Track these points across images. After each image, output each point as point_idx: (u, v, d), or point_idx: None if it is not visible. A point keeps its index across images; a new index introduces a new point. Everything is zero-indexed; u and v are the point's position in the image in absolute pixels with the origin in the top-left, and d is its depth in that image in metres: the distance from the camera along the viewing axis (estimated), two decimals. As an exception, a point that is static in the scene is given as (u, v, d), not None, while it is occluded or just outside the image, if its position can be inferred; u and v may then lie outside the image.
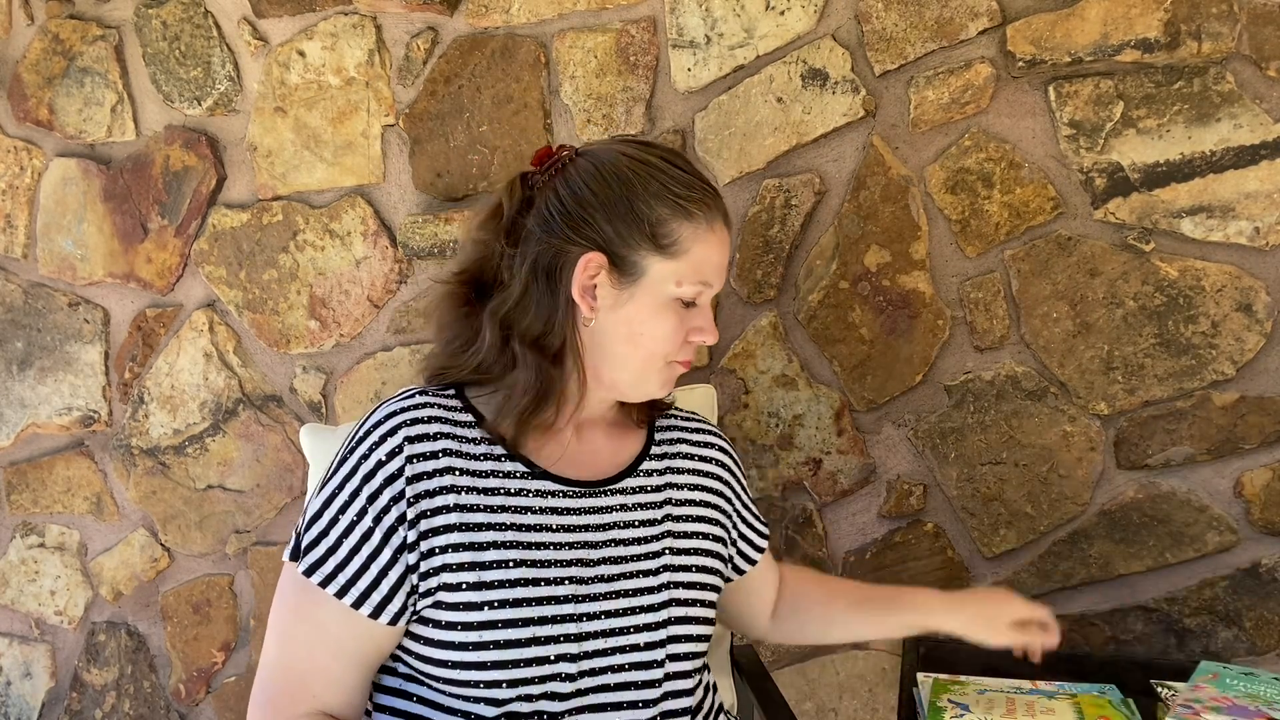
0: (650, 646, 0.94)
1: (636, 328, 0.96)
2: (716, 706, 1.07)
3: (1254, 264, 1.44)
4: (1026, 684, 1.23)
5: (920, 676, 1.25)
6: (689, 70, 1.55)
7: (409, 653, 0.91)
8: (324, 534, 0.90)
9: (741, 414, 1.61)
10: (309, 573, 0.89)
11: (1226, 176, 1.43)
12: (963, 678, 1.22)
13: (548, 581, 0.91)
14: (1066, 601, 1.57)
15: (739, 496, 1.14)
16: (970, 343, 1.54)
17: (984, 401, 1.54)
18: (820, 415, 1.59)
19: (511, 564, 0.90)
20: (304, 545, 0.90)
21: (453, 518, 0.90)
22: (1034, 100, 1.47)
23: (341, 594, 0.88)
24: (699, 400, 1.32)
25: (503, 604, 0.88)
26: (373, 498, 0.89)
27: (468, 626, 0.88)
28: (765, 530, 1.19)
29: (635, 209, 0.94)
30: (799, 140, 1.53)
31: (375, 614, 0.88)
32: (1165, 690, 1.20)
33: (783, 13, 1.51)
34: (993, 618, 1.10)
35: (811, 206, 1.55)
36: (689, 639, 0.97)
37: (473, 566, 0.89)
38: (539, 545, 0.92)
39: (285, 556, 0.92)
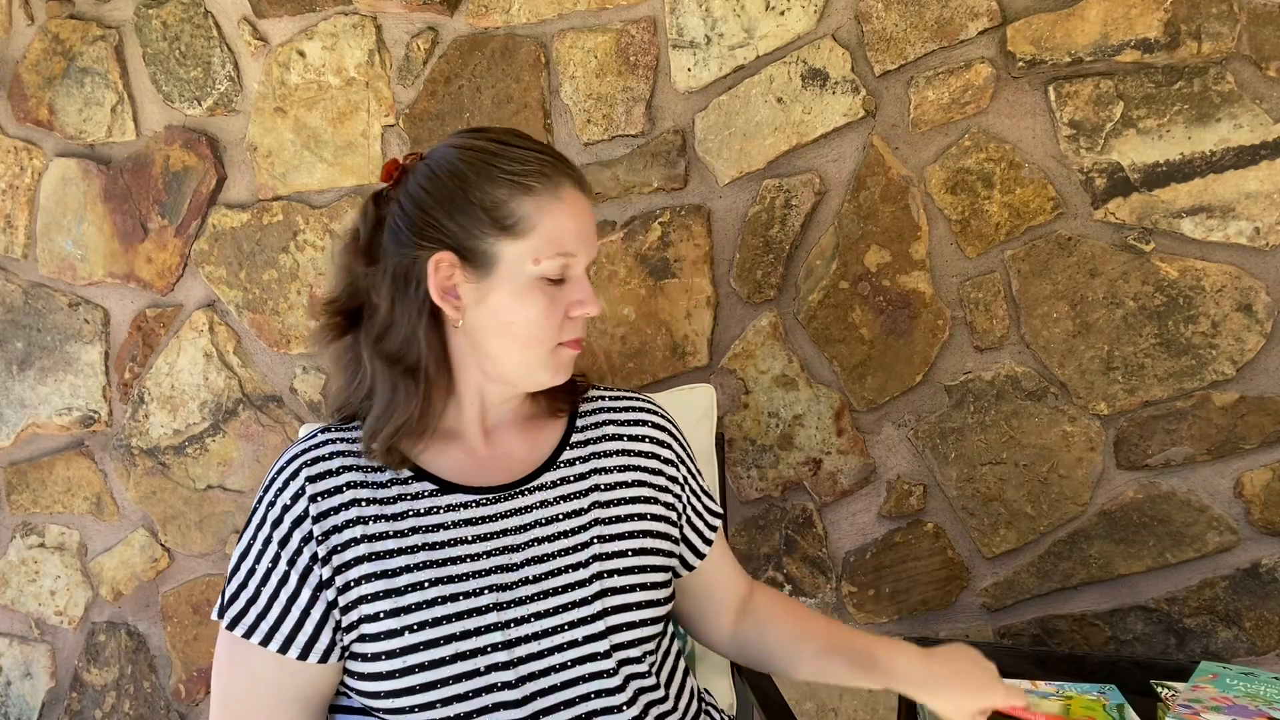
0: (591, 639, 0.93)
1: (505, 317, 0.93)
2: (691, 689, 1.06)
3: (1254, 264, 1.44)
4: (1026, 683, 1.23)
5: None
6: (689, 70, 1.55)
7: (351, 688, 0.92)
8: (243, 586, 0.91)
9: (741, 414, 1.61)
10: (232, 626, 0.89)
11: (1226, 177, 1.43)
12: None
13: (467, 594, 0.90)
14: (1066, 601, 1.57)
15: (685, 472, 1.09)
16: (970, 343, 1.54)
17: (984, 401, 1.54)
18: (820, 415, 1.59)
19: (427, 584, 0.90)
20: (226, 600, 0.91)
21: (362, 549, 0.90)
22: (1034, 100, 1.47)
23: (266, 641, 0.89)
24: (699, 400, 1.32)
25: (422, 625, 0.88)
26: (283, 543, 0.90)
27: (391, 655, 0.88)
28: (718, 509, 1.14)
29: (471, 198, 0.92)
30: (799, 140, 1.53)
31: (304, 655, 0.89)
32: (1165, 690, 1.20)
33: (783, 13, 1.51)
34: (965, 708, 1.02)
35: (811, 206, 1.55)
36: (633, 625, 0.96)
37: (388, 594, 0.89)
38: (454, 560, 0.91)
39: (214, 615, 0.93)
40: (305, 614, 0.89)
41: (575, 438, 1.04)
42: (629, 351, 1.61)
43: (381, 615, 0.89)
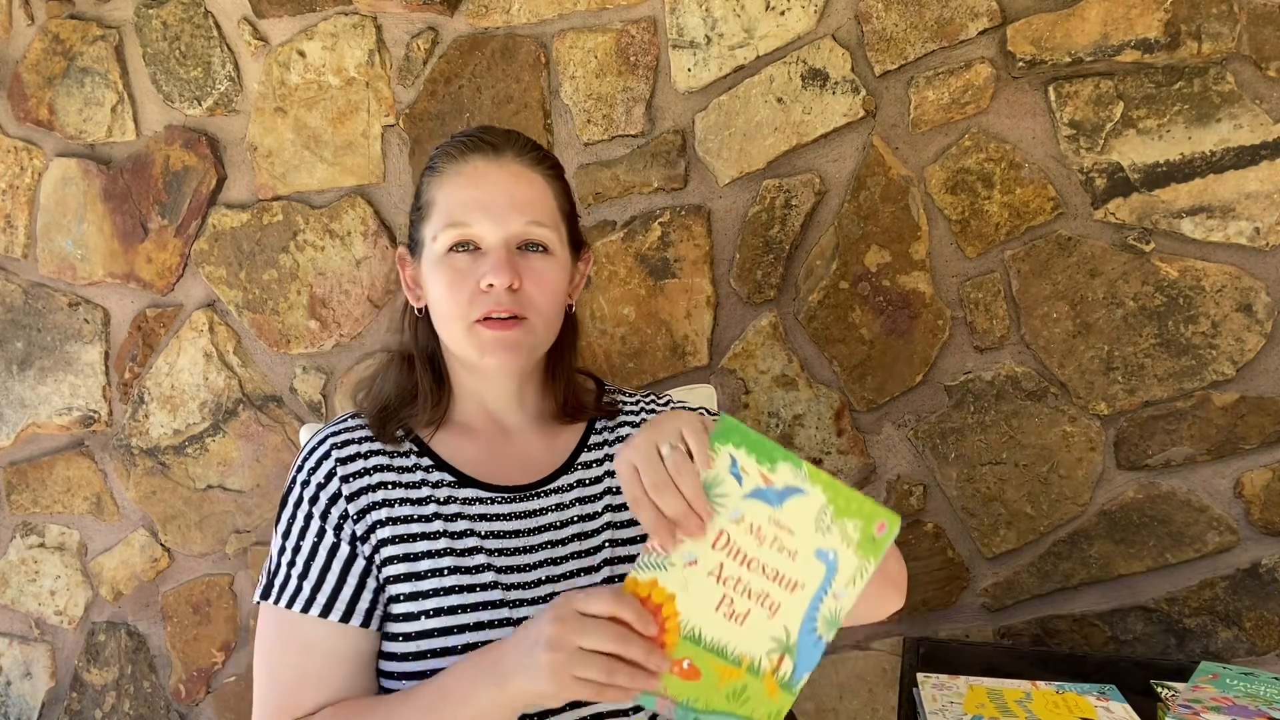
0: None
1: (430, 296, 0.97)
2: None
3: (1254, 264, 1.44)
4: (1027, 684, 1.23)
5: (921, 676, 1.25)
6: (689, 70, 1.55)
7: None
8: (291, 564, 0.92)
9: (741, 414, 1.61)
10: (290, 603, 0.90)
11: (1226, 177, 1.43)
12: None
13: (482, 587, 0.91)
14: (1066, 601, 1.57)
15: None
16: (970, 343, 1.54)
17: (984, 401, 1.54)
18: (820, 415, 1.59)
19: (445, 572, 0.91)
20: (277, 582, 0.92)
21: (388, 531, 0.92)
22: (1034, 100, 1.47)
23: (326, 612, 0.89)
24: (698, 400, 1.32)
25: (438, 612, 0.89)
26: (324, 515, 0.92)
27: (408, 637, 0.89)
28: None
29: (414, 194, 1.02)
30: (799, 140, 1.53)
31: (365, 623, 0.90)
32: (1165, 690, 1.20)
33: (783, 13, 1.51)
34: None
35: (811, 206, 1.55)
36: None
37: (408, 577, 0.91)
38: (470, 551, 0.92)
39: (256, 598, 0.93)
40: (362, 582, 0.90)
41: (593, 439, 1.04)
42: (629, 351, 1.61)
43: (402, 598, 0.90)
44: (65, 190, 1.76)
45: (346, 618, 0.89)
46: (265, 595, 0.92)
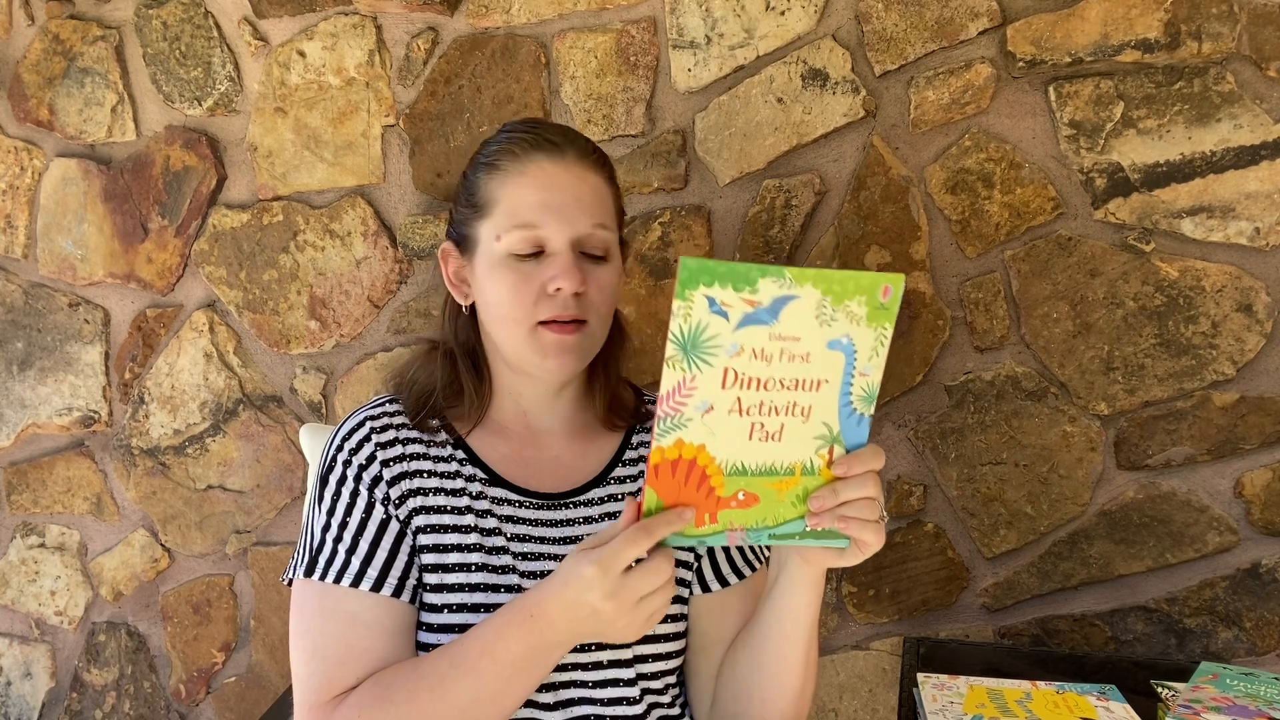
0: (615, 665, 0.92)
1: (486, 296, 0.95)
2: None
3: (1254, 264, 1.44)
4: (1026, 684, 1.23)
5: (921, 676, 1.25)
6: (689, 70, 1.55)
7: None
8: (338, 539, 0.91)
9: (741, 414, 1.61)
10: (338, 578, 0.89)
11: (1227, 177, 1.43)
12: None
13: (506, 589, 0.90)
14: (1066, 602, 1.57)
15: None
16: (970, 343, 1.54)
17: (984, 402, 1.54)
18: (820, 415, 1.59)
19: (473, 568, 0.91)
20: (322, 558, 0.90)
21: (422, 520, 0.92)
22: (1034, 100, 1.47)
23: (371, 585, 0.89)
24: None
25: (461, 608, 0.89)
26: (370, 487, 0.92)
27: (430, 628, 0.89)
28: (765, 555, 1.06)
29: (460, 188, 0.98)
30: (799, 140, 1.53)
31: (410, 598, 0.90)
32: (1165, 690, 1.20)
33: (783, 13, 1.51)
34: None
35: (812, 207, 1.55)
36: (659, 657, 0.95)
37: (435, 569, 0.90)
38: (497, 551, 0.92)
39: (299, 574, 0.92)
40: (406, 557, 0.90)
41: (629, 454, 1.03)
42: (629, 351, 1.61)
43: (428, 587, 0.90)
44: (65, 190, 1.76)
45: (390, 591, 0.89)
46: (309, 572, 0.90)
